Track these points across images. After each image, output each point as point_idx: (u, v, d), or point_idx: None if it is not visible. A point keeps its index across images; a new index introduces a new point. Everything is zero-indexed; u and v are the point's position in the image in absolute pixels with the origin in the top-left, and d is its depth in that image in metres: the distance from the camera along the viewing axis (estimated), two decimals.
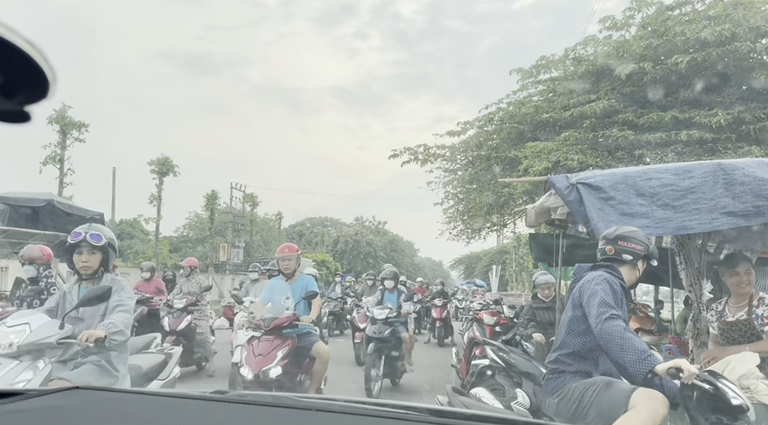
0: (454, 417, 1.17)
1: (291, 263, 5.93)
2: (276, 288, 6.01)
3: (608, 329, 2.60)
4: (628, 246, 2.98)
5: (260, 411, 1.10)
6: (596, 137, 8.58)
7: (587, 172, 3.99)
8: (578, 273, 3.09)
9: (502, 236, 34.42)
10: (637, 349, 2.52)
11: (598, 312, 2.67)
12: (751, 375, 3.56)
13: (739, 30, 7.74)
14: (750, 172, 3.55)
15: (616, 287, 2.80)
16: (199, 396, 1.19)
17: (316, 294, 5.75)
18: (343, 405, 1.12)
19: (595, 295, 2.74)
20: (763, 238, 4.39)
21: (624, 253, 2.98)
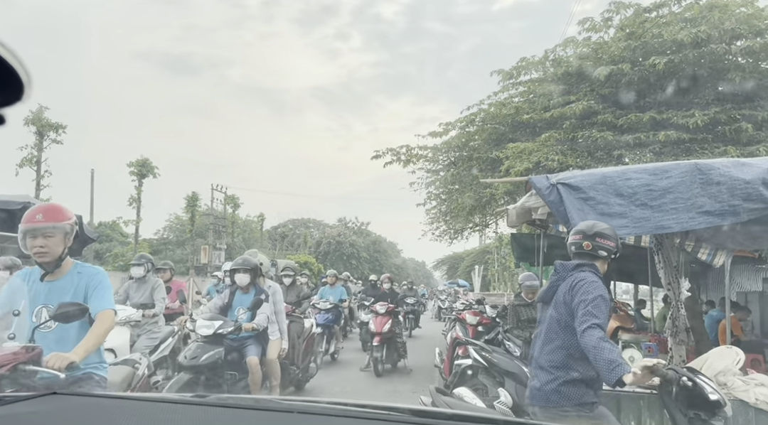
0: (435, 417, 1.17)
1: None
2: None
3: (586, 338, 2.70)
4: (604, 243, 3.03)
5: (241, 414, 1.09)
6: (576, 138, 8.67)
7: (567, 173, 4.04)
8: (561, 271, 3.06)
9: (484, 236, 34.67)
10: (606, 360, 2.61)
11: (582, 320, 2.76)
12: (728, 371, 3.63)
13: (714, 32, 7.87)
14: (726, 172, 3.62)
15: (605, 296, 2.88)
16: (180, 399, 1.18)
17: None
18: (325, 407, 1.11)
19: (585, 303, 2.80)
20: (739, 237, 4.48)
21: (600, 250, 3.03)
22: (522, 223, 5.26)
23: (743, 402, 3.52)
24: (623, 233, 3.84)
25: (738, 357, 3.84)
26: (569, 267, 3.02)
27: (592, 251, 3.03)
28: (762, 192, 3.54)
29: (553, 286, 3.07)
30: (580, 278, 2.92)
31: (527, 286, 7.25)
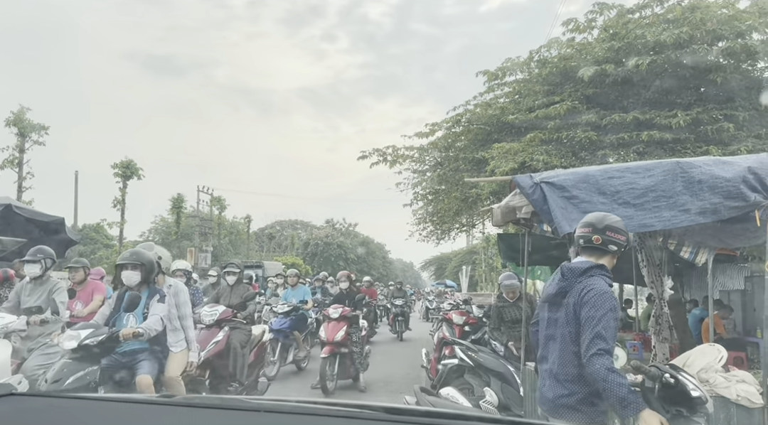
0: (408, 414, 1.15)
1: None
2: None
3: (594, 367, 2.60)
4: (615, 237, 2.85)
5: (208, 414, 1.06)
6: (560, 138, 8.71)
7: (550, 172, 4.05)
8: (569, 276, 2.85)
9: (471, 236, 34.78)
10: (618, 397, 2.54)
11: (590, 344, 2.64)
12: (710, 368, 3.65)
13: (696, 33, 7.95)
14: (707, 170, 3.64)
15: (616, 309, 2.75)
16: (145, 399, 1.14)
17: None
18: (293, 406, 1.09)
19: (593, 321, 2.67)
20: (721, 235, 4.51)
21: (610, 244, 2.85)
22: (507, 222, 5.26)
23: (725, 398, 3.54)
24: None
25: (720, 355, 3.86)
26: (577, 272, 2.82)
27: (602, 245, 2.84)
28: (742, 190, 3.57)
29: (561, 291, 2.87)
30: (591, 288, 2.74)
31: (506, 286, 7.22)
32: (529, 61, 10.17)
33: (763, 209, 3.57)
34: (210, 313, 6.53)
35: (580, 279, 2.80)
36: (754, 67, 8.74)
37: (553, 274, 3.05)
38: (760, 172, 3.56)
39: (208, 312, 6.54)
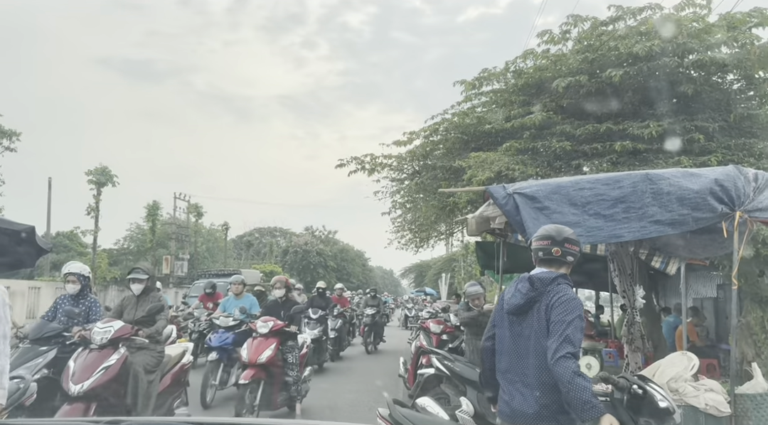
0: None
1: None
2: None
3: (560, 368, 2.65)
4: (572, 248, 2.98)
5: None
6: (536, 147, 8.79)
7: (523, 182, 4.08)
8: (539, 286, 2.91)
9: (450, 244, 34.94)
10: (581, 400, 2.58)
11: (558, 347, 2.68)
12: (679, 377, 3.69)
13: (667, 46, 8.11)
14: (675, 182, 3.70)
15: (582, 315, 2.83)
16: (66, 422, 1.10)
17: None
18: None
19: (563, 325, 2.74)
20: (690, 246, 4.59)
21: (569, 255, 2.97)
22: (481, 232, 5.29)
23: (694, 407, 3.59)
24: None
25: (692, 363, 3.91)
26: (546, 282, 2.91)
27: (561, 257, 2.96)
28: (710, 201, 3.63)
29: (530, 301, 2.92)
30: (562, 294, 2.85)
31: (471, 293, 7.21)
32: (505, 71, 10.27)
33: (730, 220, 3.64)
34: (102, 331, 5.20)
35: (548, 288, 2.88)
36: (723, 79, 8.94)
37: (511, 286, 3.08)
38: (727, 183, 3.63)
39: (100, 330, 5.21)
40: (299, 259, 49.28)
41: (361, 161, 11.56)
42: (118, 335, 5.22)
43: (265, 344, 6.74)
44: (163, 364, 5.72)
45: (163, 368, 5.72)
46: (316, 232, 56.88)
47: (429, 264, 49.03)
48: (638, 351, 5.10)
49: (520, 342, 2.93)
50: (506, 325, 3.03)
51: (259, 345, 6.74)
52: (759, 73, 8.37)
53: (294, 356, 7.16)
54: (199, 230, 38.66)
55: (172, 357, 6.00)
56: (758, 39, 8.04)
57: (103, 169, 23.57)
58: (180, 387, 6.19)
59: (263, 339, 6.82)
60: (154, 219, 29.51)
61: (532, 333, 2.88)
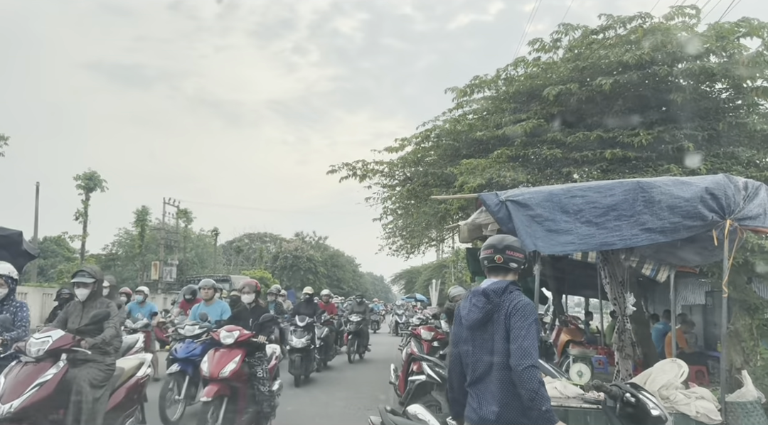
0: None
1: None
2: None
3: (526, 379, 2.77)
4: (514, 255, 3.11)
5: None
6: (527, 155, 8.82)
7: (515, 190, 4.09)
8: (493, 298, 3.01)
9: (441, 251, 34.96)
10: (542, 410, 2.75)
11: (524, 355, 2.81)
12: (670, 385, 3.70)
13: (657, 54, 8.17)
14: (667, 190, 3.72)
15: (537, 319, 2.99)
16: None
17: None
18: None
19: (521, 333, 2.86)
20: (681, 253, 4.61)
21: (511, 262, 3.10)
22: (473, 239, 5.29)
23: (685, 415, 3.59)
24: (570, 249, 3.90)
25: (682, 370, 3.93)
26: (500, 292, 3.03)
27: (504, 264, 3.10)
28: (700, 210, 3.65)
29: (487, 313, 3.01)
30: (517, 300, 2.98)
31: (455, 295, 7.22)
32: (496, 79, 10.31)
33: (720, 228, 3.66)
34: (39, 342, 4.65)
35: (502, 298, 3.01)
36: (712, 88, 9.02)
37: (465, 301, 3.19)
38: (717, 192, 3.66)
39: (36, 340, 4.68)
40: (289, 265, 49.10)
41: (352, 167, 11.56)
42: (57, 346, 4.67)
43: (229, 356, 6.04)
44: (114, 378, 5.21)
45: (114, 382, 5.21)
46: (306, 238, 56.77)
47: (419, 271, 49.01)
48: (629, 359, 5.12)
49: (484, 354, 3.03)
50: (468, 340, 3.12)
51: (221, 357, 6.05)
52: (747, 82, 8.45)
53: (263, 369, 6.42)
54: (189, 235, 38.46)
55: (125, 370, 5.49)
56: (746, 49, 8.13)
57: (92, 173, 23.44)
58: (134, 403, 5.68)
59: (227, 350, 6.11)
60: (143, 225, 29.34)
61: (493, 343, 2.99)
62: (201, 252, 42.74)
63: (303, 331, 11.06)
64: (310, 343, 11.10)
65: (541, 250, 3.76)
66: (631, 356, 5.09)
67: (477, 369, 3.05)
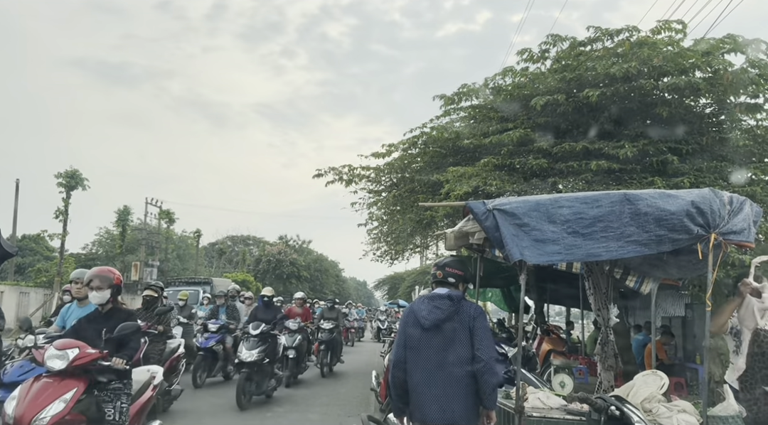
0: None
1: None
2: None
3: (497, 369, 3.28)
4: (451, 271, 3.65)
5: None
6: (513, 164, 8.85)
7: (503, 199, 4.07)
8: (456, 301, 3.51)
9: (425, 257, 34.93)
10: (495, 401, 3.36)
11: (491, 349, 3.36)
12: (653, 398, 3.70)
13: (643, 68, 8.26)
14: (653, 203, 3.73)
15: None
16: None
17: None
18: None
19: (487, 330, 3.44)
20: (665, 266, 4.63)
21: (449, 277, 3.62)
22: (460, 247, 5.27)
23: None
24: (556, 260, 3.89)
25: (663, 382, 3.93)
26: (460, 297, 3.58)
27: (444, 278, 3.63)
28: (686, 223, 3.67)
29: (451, 314, 3.44)
30: (476, 306, 3.54)
31: None
32: (484, 87, 10.35)
33: (705, 242, 3.68)
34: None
35: (462, 303, 3.53)
36: (696, 102, 9.14)
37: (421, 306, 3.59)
38: (703, 206, 3.67)
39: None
40: (272, 269, 48.76)
41: (338, 172, 11.51)
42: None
43: (56, 390, 3.88)
44: None
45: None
46: (290, 242, 56.41)
47: (403, 277, 48.88)
48: (611, 370, 5.12)
49: (438, 354, 3.39)
50: (421, 341, 3.46)
51: (42, 392, 3.86)
52: (730, 97, 8.57)
53: (119, 408, 4.29)
54: (171, 236, 38.04)
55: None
56: (731, 65, 8.25)
57: (74, 172, 23.09)
58: None
59: (54, 381, 3.95)
60: (124, 225, 28.98)
61: (451, 342, 3.38)
62: (183, 254, 42.33)
63: (257, 341, 8.93)
64: (264, 357, 8.88)
65: (527, 260, 3.75)
66: (614, 367, 5.10)
67: (424, 370, 3.40)
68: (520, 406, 3.67)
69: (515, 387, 3.86)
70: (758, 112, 8.72)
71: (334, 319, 13.49)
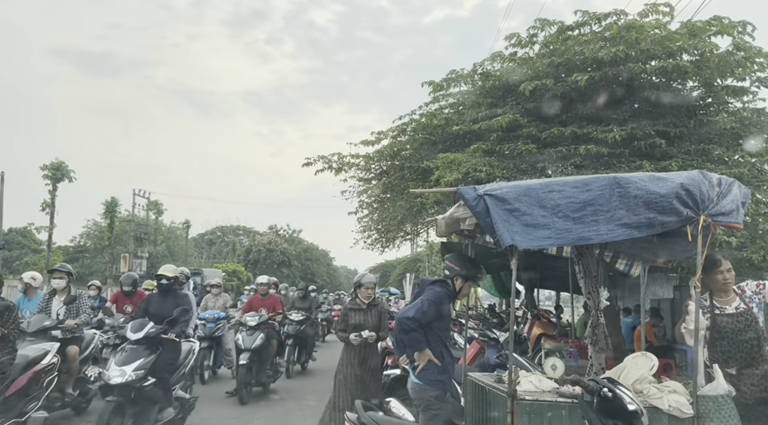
0: None
1: None
2: None
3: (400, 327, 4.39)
4: (448, 264, 4.56)
5: None
6: (502, 150, 8.85)
7: (494, 184, 4.06)
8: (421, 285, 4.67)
9: (415, 245, 35.03)
10: None
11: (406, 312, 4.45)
12: (644, 379, 3.73)
13: (631, 52, 8.26)
14: (642, 186, 3.74)
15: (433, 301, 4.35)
16: None
17: None
18: None
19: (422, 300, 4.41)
20: (655, 249, 4.66)
21: (445, 269, 4.59)
22: (451, 233, 5.27)
23: (657, 408, 3.63)
24: (547, 244, 3.90)
25: (652, 363, 3.97)
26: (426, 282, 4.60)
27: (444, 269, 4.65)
28: (675, 205, 3.68)
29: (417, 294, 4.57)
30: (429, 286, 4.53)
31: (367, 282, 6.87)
32: (472, 73, 10.31)
33: (694, 224, 3.70)
34: None
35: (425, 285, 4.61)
36: (684, 86, 9.16)
37: None
38: (692, 188, 3.68)
39: None
40: (262, 259, 48.69)
41: (328, 160, 11.45)
42: None
43: None
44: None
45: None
46: (280, 231, 56.28)
47: (393, 265, 49.10)
48: (602, 353, 5.17)
49: None
50: None
51: None
52: (717, 80, 8.60)
53: None
54: (159, 228, 37.82)
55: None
56: (717, 47, 8.27)
57: (59, 163, 22.86)
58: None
59: None
60: (112, 216, 28.75)
61: None
62: (172, 245, 42.09)
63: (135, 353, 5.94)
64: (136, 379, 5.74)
65: (518, 245, 3.74)
66: (605, 350, 5.15)
67: None
68: (513, 390, 3.69)
69: (507, 371, 3.88)
70: (744, 94, 8.77)
71: (305, 309, 11.82)
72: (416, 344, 4.27)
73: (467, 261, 4.64)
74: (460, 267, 4.49)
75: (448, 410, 4.37)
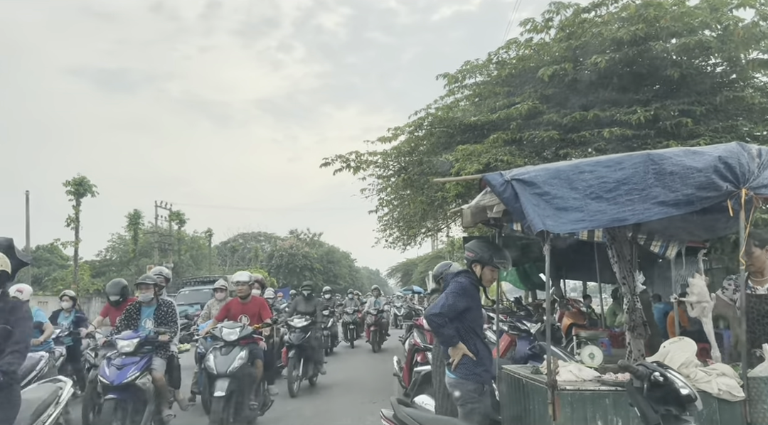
0: None
1: None
2: None
3: None
4: (467, 255, 4.42)
5: None
6: (523, 138, 8.69)
7: (521, 168, 3.93)
8: None
9: (437, 241, 34.81)
10: None
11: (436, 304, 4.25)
12: (690, 363, 3.58)
13: (651, 30, 8.04)
14: (678, 161, 3.58)
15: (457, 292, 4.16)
16: None
17: None
18: None
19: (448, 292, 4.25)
20: (692, 228, 4.48)
21: (465, 259, 4.46)
22: (477, 223, 5.14)
23: (706, 393, 3.47)
24: (580, 227, 3.76)
25: (693, 347, 3.81)
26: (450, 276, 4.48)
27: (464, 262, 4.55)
28: (714, 180, 3.51)
29: None
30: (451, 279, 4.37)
31: None
32: (488, 63, 10.16)
33: (735, 198, 3.52)
34: None
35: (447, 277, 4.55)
36: (707, 62, 8.91)
37: None
38: (731, 161, 3.51)
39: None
40: (285, 263, 48.90)
41: (345, 159, 11.35)
42: None
43: None
44: None
45: None
46: (301, 235, 56.54)
47: (415, 263, 48.91)
48: (640, 338, 5.00)
49: None
50: None
51: None
52: (742, 54, 8.33)
53: None
54: (182, 238, 38.15)
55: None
56: (741, 20, 8.00)
57: (81, 179, 23.15)
58: None
59: None
60: (135, 229, 29.07)
61: None
62: (196, 254, 42.47)
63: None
64: None
65: (550, 229, 3.59)
66: (643, 335, 4.97)
67: None
68: (553, 380, 3.56)
69: (545, 362, 3.75)
70: None
71: (310, 314, 10.05)
72: (448, 339, 4.12)
73: (483, 246, 4.37)
74: (475, 252, 4.28)
75: (486, 404, 4.19)
